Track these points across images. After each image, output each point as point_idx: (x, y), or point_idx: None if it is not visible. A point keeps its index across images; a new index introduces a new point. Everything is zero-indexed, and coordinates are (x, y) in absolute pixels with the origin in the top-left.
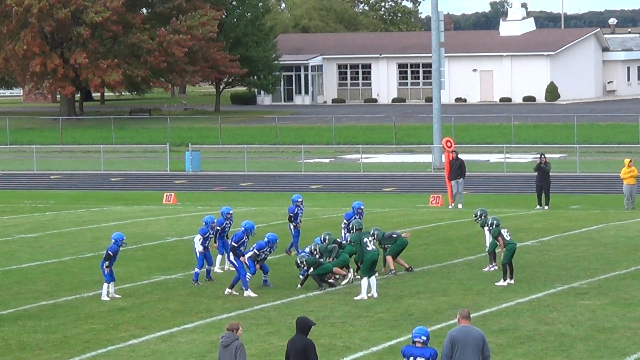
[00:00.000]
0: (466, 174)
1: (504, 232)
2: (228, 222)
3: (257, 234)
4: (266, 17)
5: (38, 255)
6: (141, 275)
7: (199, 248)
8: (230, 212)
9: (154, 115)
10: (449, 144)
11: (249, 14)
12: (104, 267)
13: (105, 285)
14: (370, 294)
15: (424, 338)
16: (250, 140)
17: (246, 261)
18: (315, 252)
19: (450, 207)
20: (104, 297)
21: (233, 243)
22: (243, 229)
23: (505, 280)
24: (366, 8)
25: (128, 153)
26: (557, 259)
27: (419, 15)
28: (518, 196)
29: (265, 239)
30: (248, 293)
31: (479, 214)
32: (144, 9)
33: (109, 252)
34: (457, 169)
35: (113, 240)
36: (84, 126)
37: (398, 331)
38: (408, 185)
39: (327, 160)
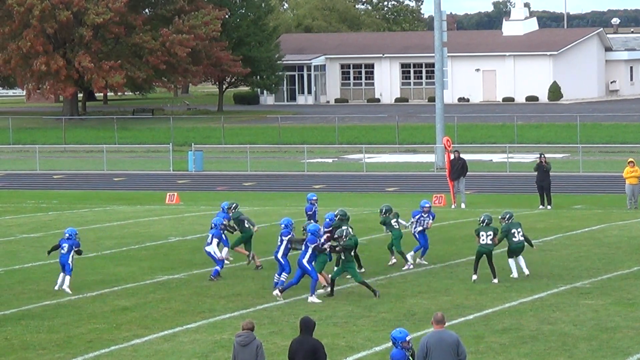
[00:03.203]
0: (469, 173)
1: (482, 233)
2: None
3: (263, 234)
4: (269, 17)
5: (41, 255)
6: (144, 275)
7: (217, 253)
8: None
9: (157, 115)
10: (448, 143)
11: (252, 14)
12: (68, 262)
13: (61, 275)
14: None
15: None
16: (253, 140)
17: (282, 259)
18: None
19: (453, 206)
20: (67, 289)
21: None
22: (283, 225)
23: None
24: (369, 8)
25: (131, 153)
26: (560, 259)
27: (422, 15)
28: (521, 196)
29: (283, 226)
30: (312, 299)
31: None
32: (147, 9)
33: (76, 247)
34: (460, 168)
35: (67, 235)
36: (87, 126)
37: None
38: (411, 185)
39: (330, 160)
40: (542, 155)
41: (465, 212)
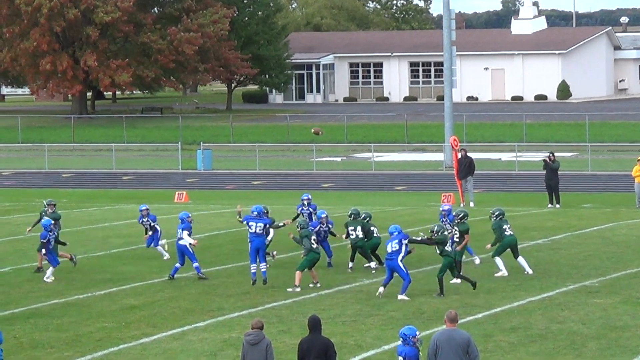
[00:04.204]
0: (478, 172)
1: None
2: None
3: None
4: (277, 16)
5: None
6: (152, 273)
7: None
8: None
9: (166, 113)
10: (455, 142)
11: (260, 13)
12: (43, 254)
13: (51, 268)
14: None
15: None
16: (262, 139)
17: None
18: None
19: (461, 205)
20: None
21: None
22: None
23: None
24: (378, 6)
25: (140, 151)
26: (569, 258)
27: (431, 14)
28: (529, 195)
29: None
30: (402, 297)
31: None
32: (155, 8)
33: (41, 239)
34: (467, 167)
35: (43, 227)
36: (96, 125)
37: None
38: (420, 184)
39: (339, 159)
40: (551, 154)
41: (473, 211)
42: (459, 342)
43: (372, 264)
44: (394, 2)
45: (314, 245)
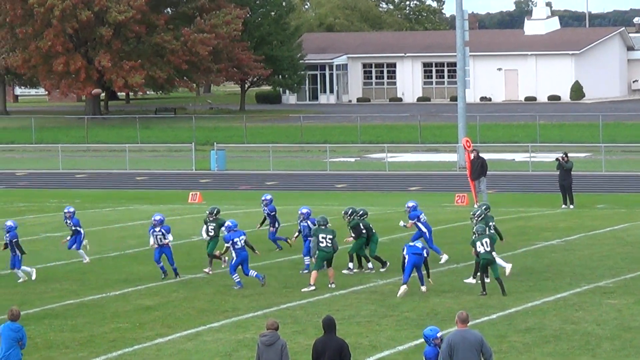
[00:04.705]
0: (492, 173)
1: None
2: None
3: (285, 231)
4: (290, 16)
5: (63, 254)
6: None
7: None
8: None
9: (179, 114)
10: (468, 143)
11: (273, 13)
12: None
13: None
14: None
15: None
16: (276, 139)
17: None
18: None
19: (475, 206)
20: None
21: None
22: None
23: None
24: (391, 7)
25: (153, 152)
26: (583, 258)
27: (444, 14)
28: (543, 195)
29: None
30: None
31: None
32: (168, 9)
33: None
34: (480, 167)
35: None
36: (109, 125)
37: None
38: (433, 184)
39: (353, 159)
40: (564, 154)
41: None
42: (472, 342)
43: (369, 265)
44: (407, 2)
45: (322, 244)
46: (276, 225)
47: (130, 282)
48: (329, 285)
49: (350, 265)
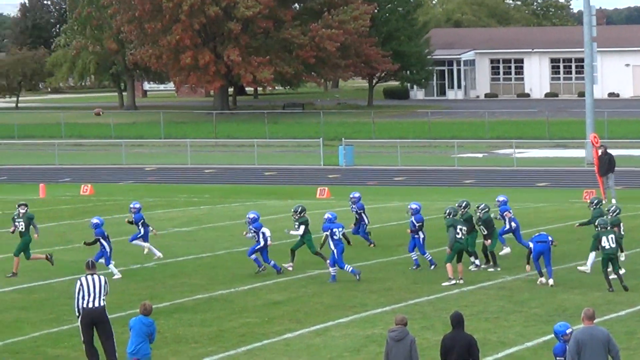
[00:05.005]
0: (620, 169)
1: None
2: None
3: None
4: (418, 12)
5: (193, 249)
6: (296, 269)
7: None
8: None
9: (307, 109)
10: (595, 139)
11: (401, 9)
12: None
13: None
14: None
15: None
16: (403, 135)
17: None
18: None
19: (603, 202)
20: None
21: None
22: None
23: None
24: (518, 2)
25: (281, 147)
26: None
27: (571, 10)
28: None
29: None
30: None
31: None
32: (296, 4)
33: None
34: (607, 164)
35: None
36: (238, 120)
37: (552, 326)
38: (561, 180)
39: (480, 155)
40: None
41: None
42: (600, 339)
43: (477, 262)
44: None
45: (458, 235)
46: (364, 222)
47: (259, 277)
48: (459, 281)
49: (477, 261)
